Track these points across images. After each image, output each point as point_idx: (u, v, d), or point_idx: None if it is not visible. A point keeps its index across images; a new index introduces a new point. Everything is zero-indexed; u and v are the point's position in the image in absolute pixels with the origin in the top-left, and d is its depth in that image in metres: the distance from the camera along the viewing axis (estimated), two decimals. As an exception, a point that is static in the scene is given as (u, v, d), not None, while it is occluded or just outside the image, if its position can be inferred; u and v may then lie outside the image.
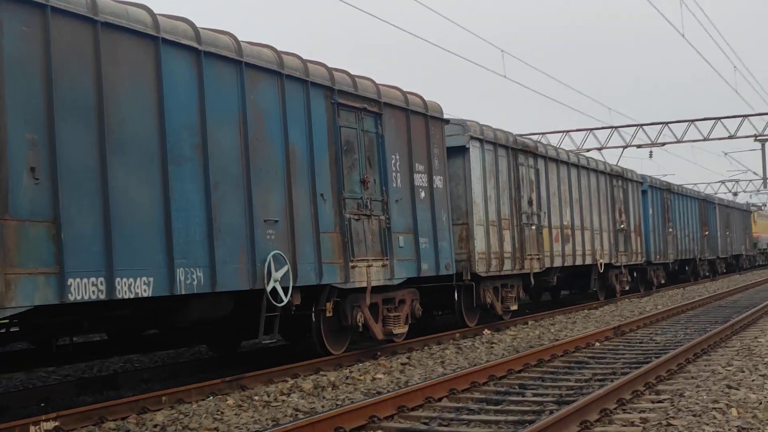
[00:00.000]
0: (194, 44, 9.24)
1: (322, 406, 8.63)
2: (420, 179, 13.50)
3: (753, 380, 9.17)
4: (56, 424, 7.70)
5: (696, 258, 34.20)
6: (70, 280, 7.52)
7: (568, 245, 19.87)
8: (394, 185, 12.78)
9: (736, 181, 66.79)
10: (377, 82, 12.85)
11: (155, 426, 7.91)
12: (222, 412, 8.37)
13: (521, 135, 19.12)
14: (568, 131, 37.48)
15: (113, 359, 12.77)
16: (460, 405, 8.49)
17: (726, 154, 56.19)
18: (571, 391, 9.13)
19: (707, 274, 37.08)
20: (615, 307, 21.08)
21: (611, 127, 37.08)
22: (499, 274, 16.28)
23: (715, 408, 7.63)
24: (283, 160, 10.48)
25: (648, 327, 16.03)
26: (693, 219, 33.91)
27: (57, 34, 7.66)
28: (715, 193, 56.21)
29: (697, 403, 7.88)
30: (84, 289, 7.67)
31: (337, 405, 8.61)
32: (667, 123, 36.24)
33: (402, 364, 11.41)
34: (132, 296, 8.17)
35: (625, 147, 36.89)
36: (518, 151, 17.47)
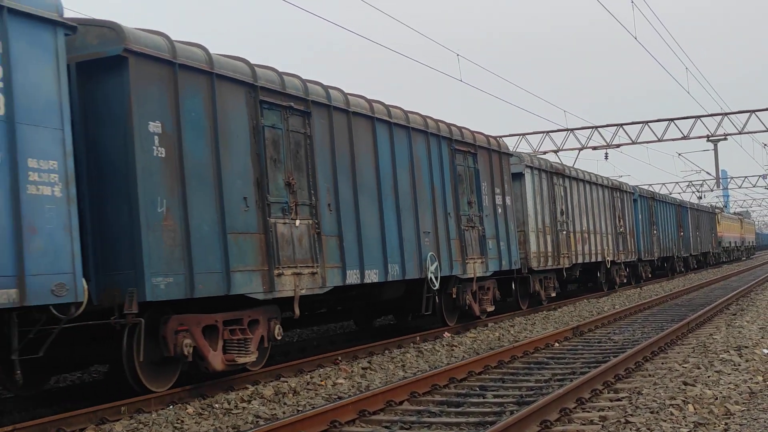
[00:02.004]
0: (387, 119, 14.21)
1: (283, 413, 8.69)
2: (498, 199, 18.55)
3: (708, 376, 9.35)
4: None
5: (674, 255, 39.73)
6: (347, 271, 12.49)
7: (586, 246, 25.11)
8: (485, 204, 17.83)
9: (690, 182, 69.38)
10: (473, 130, 17.91)
11: (114, 437, 7.81)
12: (182, 421, 8.40)
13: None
14: (524, 134, 38.10)
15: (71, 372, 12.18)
16: (421, 408, 8.60)
17: (680, 154, 56.79)
18: (531, 392, 9.27)
19: (682, 269, 42.63)
20: (573, 307, 21.55)
21: (567, 130, 37.73)
22: (544, 269, 21.44)
23: (672, 405, 7.73)
24: (430, 191, 15.48)
25: (606, 326, 16.34)
26: (671, 222, 39.40)
27: (335, 123, 12.62)
28: (670, 194, 60.61)
29: (654, 400, 7.99)
30: (351, 277, 12.63)
31: (298, 411, 8.67)
32: (621, 125, 36.84)
33: (363, 368, 11.60)
34: (370, 282, 13.14)
35: (581, 149, 37.72)
36: (553, 173, 22.66)
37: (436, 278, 15.23)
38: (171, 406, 9.16)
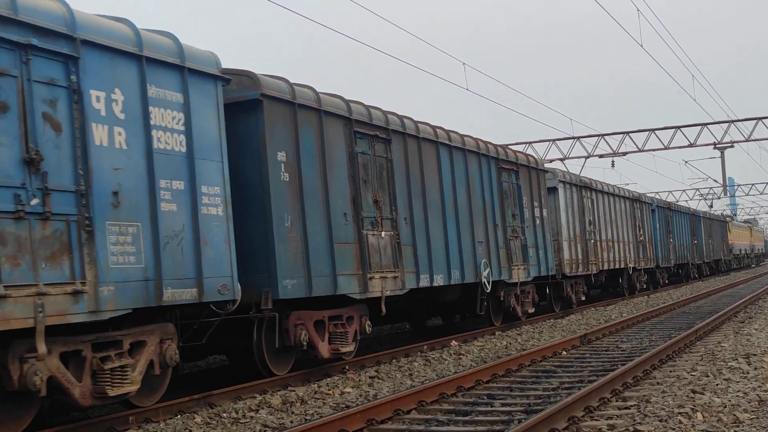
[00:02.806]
0: (448, 142, 16.22)
1: (291, 422, 8.69)
2: (536, 211, 20.54)
3: (717, 384, 9.30)
4: None
5: (689, 262, 41.65)
6: (420, 276, 14.48)
7: (611, 253, 27.08)
8: (526, 216, 19.81)
9: (697, 190, 69.82)
10: (514, 149, 19.90)
11: (123, 446, 7.83)
12: (190, 430, 8.44)
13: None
14: (531, 142, 38.06)
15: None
16: (429, 417, 8.58)
17: (686, 162, 56.89)
18: (539, 400, 9.23)
19: (696, 275, 44.53)
20: (581, 315, 21.56)
21: (573, 138, 37.75)
22: (575, 275, 23.41)
23: (680, 413, 7.70)
24: (482, 205, 17.48)
25: (614, 335, 16.38)
26: (686, 230, 41.34)
27: (408, 148, 14.63)
28: (677, 201, 61.45)
29: (663, 409, 7.96)
30: (423, 281, 14.61)
31: (305, 420, 8.67)
32: (628, 132, 36.86)
33: (370, 377, 11.63)
34: (437, 285, 15.12)
35: (587, 157, 37.96)
36: (582, 187, 24.65)
37: (489, 282, 17.21)
38: (179, 416, 9.29)
